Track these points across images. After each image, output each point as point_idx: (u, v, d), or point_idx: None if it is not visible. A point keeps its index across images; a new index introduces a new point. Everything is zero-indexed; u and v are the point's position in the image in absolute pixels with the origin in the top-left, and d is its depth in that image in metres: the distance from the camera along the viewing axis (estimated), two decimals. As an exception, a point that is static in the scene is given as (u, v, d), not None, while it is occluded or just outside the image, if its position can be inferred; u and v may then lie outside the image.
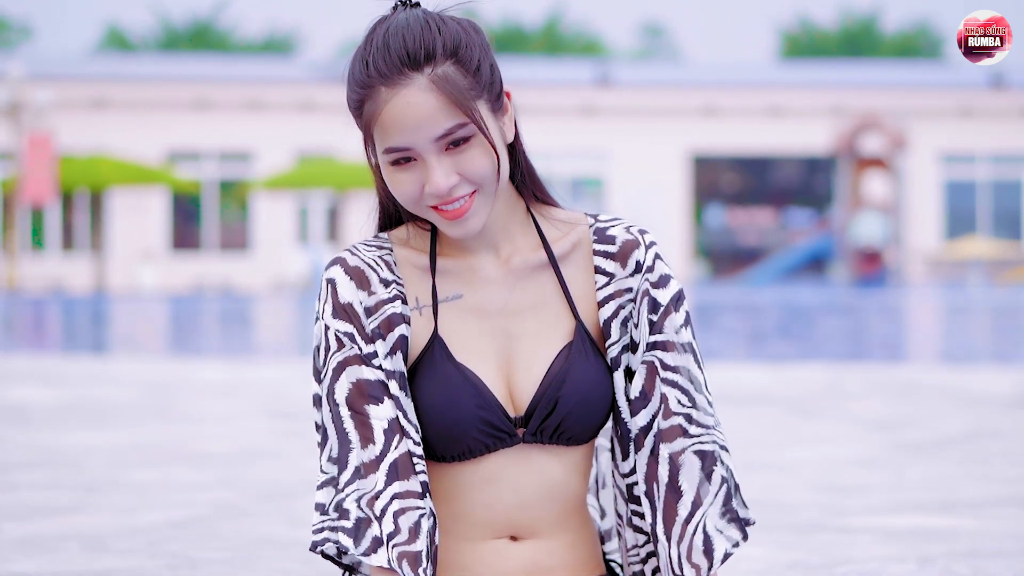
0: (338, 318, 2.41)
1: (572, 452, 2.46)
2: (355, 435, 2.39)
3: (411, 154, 2.35)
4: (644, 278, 2.46)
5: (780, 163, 44.55)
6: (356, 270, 2.42)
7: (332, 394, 2.41)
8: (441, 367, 2.41)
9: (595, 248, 2.48)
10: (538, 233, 2.49)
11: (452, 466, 2.44)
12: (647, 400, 2.45)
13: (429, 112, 2.32)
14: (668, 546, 2.44)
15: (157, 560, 4.35)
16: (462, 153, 2.35)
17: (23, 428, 7.96)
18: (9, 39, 72.66)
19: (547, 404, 2.41)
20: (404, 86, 2.33)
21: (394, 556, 2.35)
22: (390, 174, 2.38)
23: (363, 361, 2.39)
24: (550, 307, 2.46)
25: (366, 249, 2.45)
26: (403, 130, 2.33)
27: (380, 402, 2.39)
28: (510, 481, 2.43)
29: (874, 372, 11.78)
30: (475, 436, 2.40)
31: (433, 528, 2.38)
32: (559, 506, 2.46)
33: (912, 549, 4.44)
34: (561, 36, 73.45)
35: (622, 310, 2.47)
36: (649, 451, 2.45)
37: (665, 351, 2.46)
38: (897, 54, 69.48)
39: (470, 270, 2.46)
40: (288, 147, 41.55)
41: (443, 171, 2.34)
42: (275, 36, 73.37)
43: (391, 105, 2.34)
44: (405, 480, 2.37)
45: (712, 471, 2.45)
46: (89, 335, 19.38)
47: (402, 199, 2.38)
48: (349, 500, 2.37)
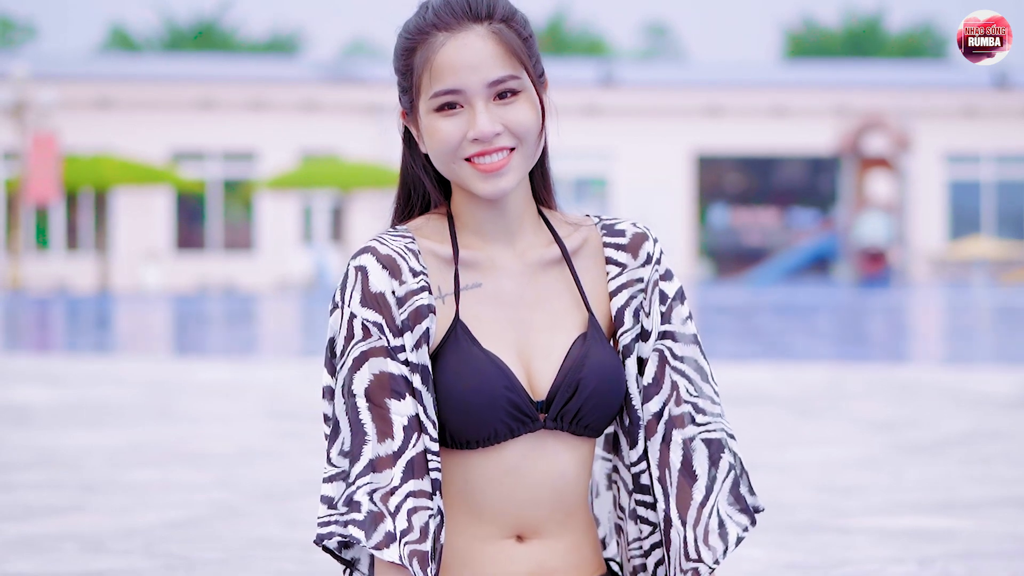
0: (367, 307, 2.39)
1: (584, 445, 2.48)
2: (372, 428, 2.38)
3: (459, 99, 2.39)
4: (654, 269, 2.52)
5: (784, 163, 44.53)
6: (388, 259, 2.42)
7: (349, 384, 2.39)
8: (467, 350, 2.41)
9: (606, 241, 2.53)
10: (550, 231, 2.53)
11: (472, 455, 2.43)
12: (659, 387, 2.50)
13: (486, 57, 2.38)
14: (684, 530, 2.47)
15: (154, 561, 4.34)
16: (509, 105, 2.40)
17: (23, 428, 7.96)
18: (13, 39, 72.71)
19: (568, 388, 2.43)
20: (464, 31, 2.39)
21: (405, 553, 2.35)
22: (432, 122, 2.40)
23: (389, 354, 2.39)
24: (563, 300, 2.49)
25: (393, 239, 2.45)
26: (457, 71, 2.38)
27: (402, 397, 2.38)
28: (526, 473, 2.43)
29: (875, 372, 11.77)
30: (502, 419, 2.40)
31: (439, 528, 2.39)
32: (566, 505, 2.47)
33: (910, 550, 4.44)
34: (565, 36, 73.46)
35: (633, 300, 2.51)
36: (661, 437, 2.49)
37: (675, 341, 2.51)
38: (901, 54, 69.44)
39: (488, 261, 2.48)
40: (292, 147, 41.54)
41: (489, 117, 2.38)
42: (279, 36, 73.39)
43: (448, 47, 2.39)
44: (419, 479, 2.37)
45: (720, 458, 2.50)
46: (92, 335, 19.38)
47: (441, 146, 2.40)
48: (361, 493, 2.36)
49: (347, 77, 42.86)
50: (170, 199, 41.45)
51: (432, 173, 2.53)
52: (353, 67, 45.49)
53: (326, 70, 44.43)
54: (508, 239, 2.49)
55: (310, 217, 42.20)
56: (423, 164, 2.53)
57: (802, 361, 13.16)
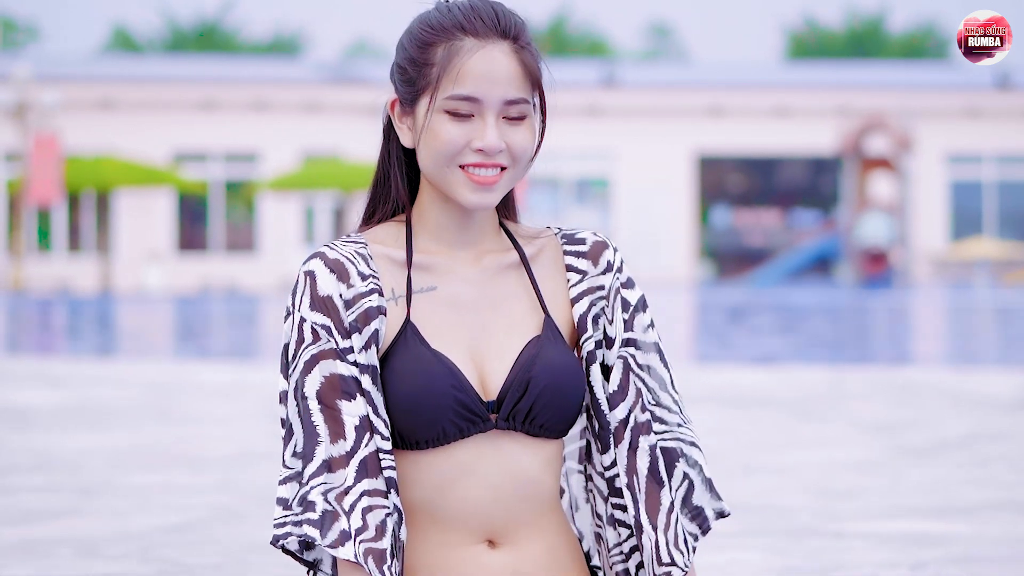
0: (316, 310, 2.44)
1: (544, 447, 2.49)
2: (324, 429, 2.41)
3: (474, 108, 2.43)
4: (615, 277, 2.55)
5: (786, 163, 44.50)
6: (337, 263, 2.46)
7: (301, 387, 2.43)
8: (415, 351, 2.44)
9: (566, 249, 2.56)
10: (509, 239, 2.57)
11: (426, 455, 2.45)
12: (625, 393, 2.52)
13: (510, 75, 2.43)
14: (655, 535, 2.49)
15: (148, 566, 4.34)
16: (513, 127, 2.45)
17: (23, 431, 7.97)
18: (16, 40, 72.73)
19: (519, 387, 2.45)
20: (492, 44, 2.43)
21: (361, 551, 2.37)
22: (439, 123, 2.43)
23: (338, 356, 2.43)
24: (521, 303, 2.52)
25: (343, 244, 2.49)
26: (481, 82, 2.41)
27: (353, 398, 2.42)
28: (484, 473, 2.45)
29: (876, 374, 11.76)
30: (451, 419, 2.43)
31: (398, 526, 2.41)
32: (534, 505, 2.48)
33: (905, 554, 4.43)
34: (567, 36, 73.44)
35: (594, 306, 2.54)
36: (628, 444, 2.51)
37: (637, 349, 2.54)
38: (903, 55, 69.40)
39: (445, 265, 2.51)
40: (294, 148, 41.54)
41: (498, 133, 2.43)
42: (281, 37, 73.39)
43: (478, 56, 2.42)
44: (373, 478, 2.40)
45: (674, 468, 2.53)
46: (93, 337, 19.38)
47: (443, 148, 2.43)
48: (315, 493, 2.40)
49: (349, 78, 42.86)
50: (172, 200, 41.45)
51: (404, 171, 2.55)
52: (355, 68, 45.49)
53: (328, 71, 44.43)
54: (468, 245, 2.52)
55: (312, 218, 42.19)
56: (397, 159, 2.55)
57: (803, 363, 13.16)
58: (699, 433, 2.61)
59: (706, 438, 7.44)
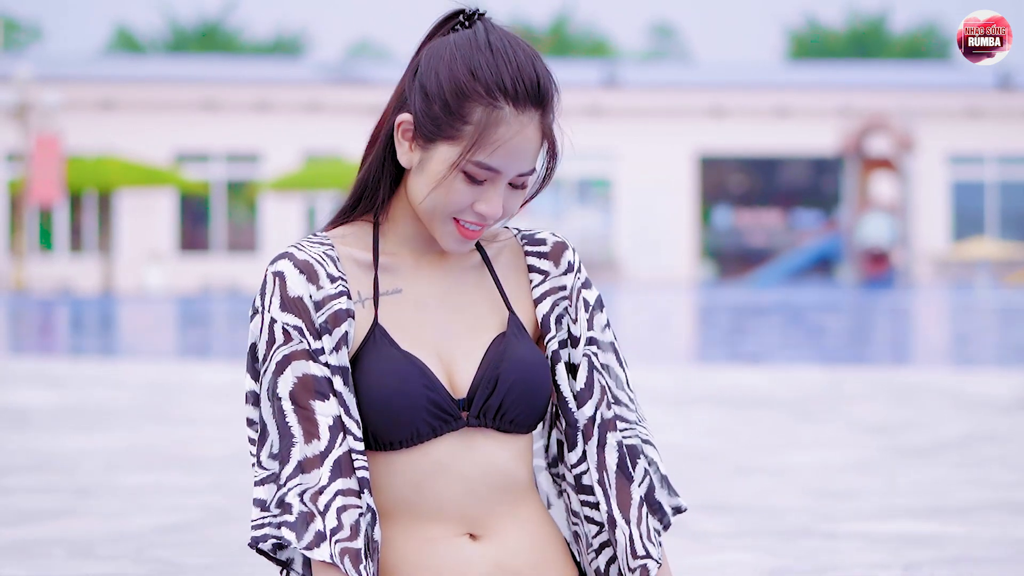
0: (287, 311, 2.45)
1: (515, 441, 2.52)
2: (298, 430, 2.43)
3: (490, 176, 2.45)
4: (576, 277, 2.60)
5: (787, 164, 44.51)
6: (306, 264, 2.47)
7: (274, 388, 2.44)
8: (386, 352, 2.46)
9: (527, 250, 2.60)
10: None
11: (399, 455, 2.47)
12: (591, 391, 2.56)
13: (530, 151, 2.46)
14: (628, 528, 2.53)
15: (141, 567, 4.35)
16: (512, 192, 2.48)
17: (21, 431, 7.97)
18: (18, 40, 72.76)
19: (488, 384, 2.48)
20: (529, 119, 2.44)
21: (336, 551, 2.39)
22: (453, 180, 2.44)
23: (310, 356, 2.44)
24: (485, 303, 2.55)
25: (311, 245, 2.51)
26: (510, 160, 2.44)
27: (326, 398, 2.43)
28: (458, 469, 2.47)
29: (875, 374, 11.76)
30: (424, 419, 2.45)
31: (371, 526, 2.42)
32: (510, 496, 2.51)
33: (898, 555, 4.43)
34: (569, 37, 73.46)
35: (557, 306, 2.58)
36: (597, 441, 2.55)
37: (598, 348, 2.59)
38: (905, 55, 69.40)
39: (409, 268, 2.54)
40: (296, 148, 41.57)
41: (501, 201, 2.46)
42: (283, 37, 73.41)
43: (513, 131, 2.43)
44: (347, 478, 2.42)
45: (637, 464, 2.58)
46: (94, 337, 19.40)
47: (448, 203, 2.44)
48: (291, 495, 2.41)
49: (351, 78, 42.87)
50: (174, 200, 41.48)
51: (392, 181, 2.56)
52: (357, 68, 45.50)
53: (330, 71, 44.44)
54: (432, 248, 2.55)
55: (314, 218, 42.21)
56: (388, 171, 2.55)
57: (802, 364, 13.16)
58: (652, 431, 2.66)
59: (704, 439, 7.48)
